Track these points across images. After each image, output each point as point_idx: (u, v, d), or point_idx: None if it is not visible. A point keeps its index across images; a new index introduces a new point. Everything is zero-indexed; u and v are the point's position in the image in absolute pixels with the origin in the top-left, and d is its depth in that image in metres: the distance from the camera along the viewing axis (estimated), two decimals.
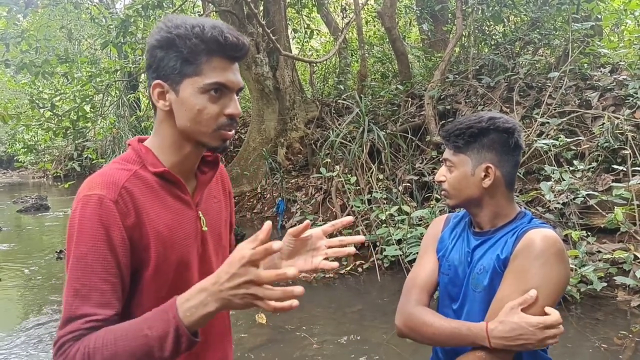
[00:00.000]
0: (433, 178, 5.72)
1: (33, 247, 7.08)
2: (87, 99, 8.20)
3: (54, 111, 8.35)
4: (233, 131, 1.08)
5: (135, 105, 11.57)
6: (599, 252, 4.03)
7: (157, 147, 1.10)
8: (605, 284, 3.73)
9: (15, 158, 19.13)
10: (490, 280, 1.28)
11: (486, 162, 1.30)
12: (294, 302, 0.85)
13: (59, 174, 15.61)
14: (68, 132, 8.43)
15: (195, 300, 0.88)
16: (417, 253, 4.55)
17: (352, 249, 1.16)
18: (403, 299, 1.41)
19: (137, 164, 1.07)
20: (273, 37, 7.26)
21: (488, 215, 1.36)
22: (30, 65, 6.97)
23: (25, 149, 13.16)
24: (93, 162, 12.62)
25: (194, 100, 1.03)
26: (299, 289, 0.85)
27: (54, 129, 8.39)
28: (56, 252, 6.35)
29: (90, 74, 8.05)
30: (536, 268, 1.20)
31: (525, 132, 5.25)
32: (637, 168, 4.25)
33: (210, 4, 8.32)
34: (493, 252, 1.31)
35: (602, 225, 4.20)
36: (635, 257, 3.75)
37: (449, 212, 1.83)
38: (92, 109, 8.75)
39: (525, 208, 4.52)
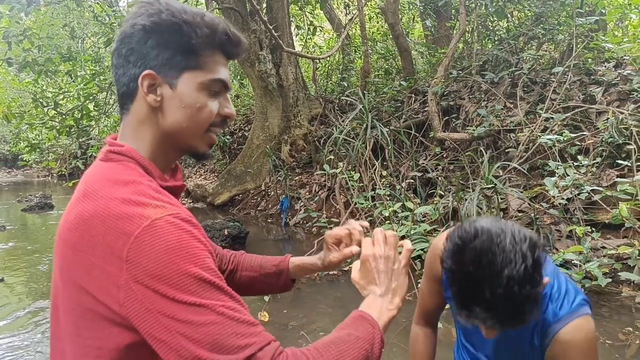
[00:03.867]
0: (437, 174, 5.71)
1: (38, 246, 7.11)
2: (91, 97, 8.22)
3: (58, 110, 8.38)
4: (217, 136, 0.98)
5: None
6: (604, 247, 4.01)
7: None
8: (610, 280, 3.72)
9: (19, 157, 19.21)
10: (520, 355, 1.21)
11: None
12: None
13: (63, 173, 15.65)
14: (72, 130, 8.45)
15: (377, 307, 0.97)
16: (422, 249, 4.46)
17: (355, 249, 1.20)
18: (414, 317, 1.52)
19: (145, 176, 0.90)
20: (276, 34, 7.25)
21: None
22: (33, 63, 6.99)
23: (30, 148, 13.19)
24: None
25: (195, 96, 0.90)
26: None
27: (58, 127, 8.42)
28: None
29: (93, 72, 8.07)
30: None
31: (530, 127, 5.23)
32: None
33: (213, 1, 8.31)
34: (515, 334, 1.20)
35: (606, 221, 4.18)
36: None
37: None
38: (95, 107, 8.77)
39: (529, 205, 4.52)
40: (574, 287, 1.21)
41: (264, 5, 8.96)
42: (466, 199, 4.66)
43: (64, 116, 8.50)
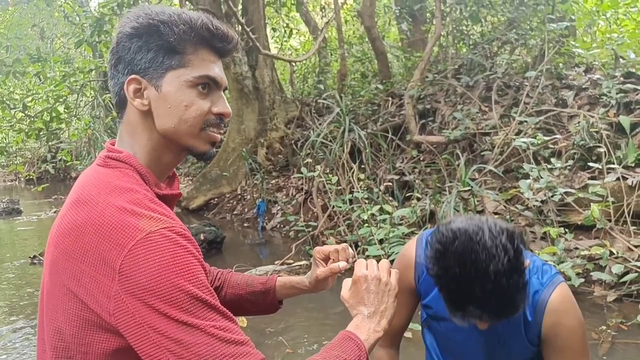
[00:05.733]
0: (414, 177, 5.75)
1: (5, 252, 6.87)
2: (61, 100, 8.01)
3: (26, 112, 8.13)
4: (219, 134, 0.96)
5: (111, 106, 11.34)
6: (577, 248, 4.09)
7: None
8: (583, 280, 3.79)
9: None
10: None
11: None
12: None
13: (31, 177, 15.18)
14: (41, 133, 8.23)
15: (365, 328, 0.98)
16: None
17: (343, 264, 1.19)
18: None
19: (142, 184, 0.90)
20: (252, 36, 7.20)
21: None
22: (0, 64, 6.77)
23: None
24: (68, 164, 12.33)
25: (180, 95, 0.89)
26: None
27: (26, 130, 8.18)
28: (30, 257, 6.17)
29: (64, 73, 7.86)
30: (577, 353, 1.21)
31: (504, 130, 5.31)
32: (611, 166, 4.33)
33: (187, 2, 8.21)
34: (507, 324, 1.21)
35: (579, 222, 4.26)
36: (611, 253, 3.82)
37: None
38: (66, 110, 8.55)
39: (505, 207, 4.59)
40: (543, 261, 1.29)
41: (240, 7, 8.90)
42: (443, 202, 4.70)
43: (32, 119, 8.26)
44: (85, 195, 0.85)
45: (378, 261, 1.07)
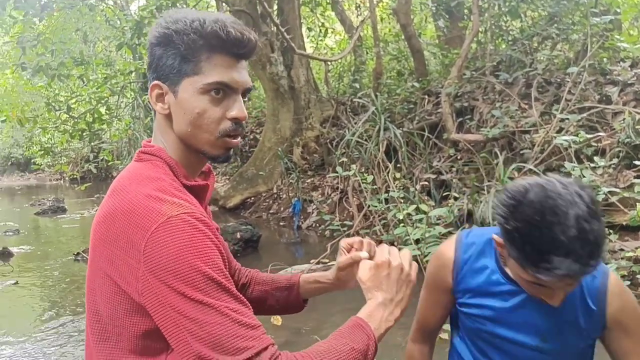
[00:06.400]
0: (451, 176, 5.66)
1: (51, 249, 7.16)
2: (103, 101, 8.29)
3: (70, 113, 8.45)
4: (238, 139, 0.98)
5: (151, 107, 11.62)
6: (622, 250, 3.95)
7: None
8: (629, 282, 3.65)
9: (32, 161, 19.39)
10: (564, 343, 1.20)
11: None
12: None
13: (75, 176, 15.77)
14: (84, 134, 8.52)
15: (378, 316, 0.97)
16: None
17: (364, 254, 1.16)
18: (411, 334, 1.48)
19: (170, 174, 0.95)
20: (287, 36, 7.25)
21: None
22: (46, 68, 7.06)
23: (42, 152, 13.34)
24: (109, 163, 12.74)
25: (193, 102, 0.93)
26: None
27: (70, 131, 8.50)
28: (74, 254, 6.41)
29: (105, 75, 8.13)
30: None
31: (545, 128, 5.16)
32: None
33: (224, 4, 8.34)
34: (563, 314, 1.18)
35: (624, 223, 4.12)
36: None
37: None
38: (107, 111, 8.84)
39: None
40: None
41: (275, 7, 8.97)
42: (481, 201, 4.61)
43: (76, 120, 8.58)
44: (119, 186, 0.93)
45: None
